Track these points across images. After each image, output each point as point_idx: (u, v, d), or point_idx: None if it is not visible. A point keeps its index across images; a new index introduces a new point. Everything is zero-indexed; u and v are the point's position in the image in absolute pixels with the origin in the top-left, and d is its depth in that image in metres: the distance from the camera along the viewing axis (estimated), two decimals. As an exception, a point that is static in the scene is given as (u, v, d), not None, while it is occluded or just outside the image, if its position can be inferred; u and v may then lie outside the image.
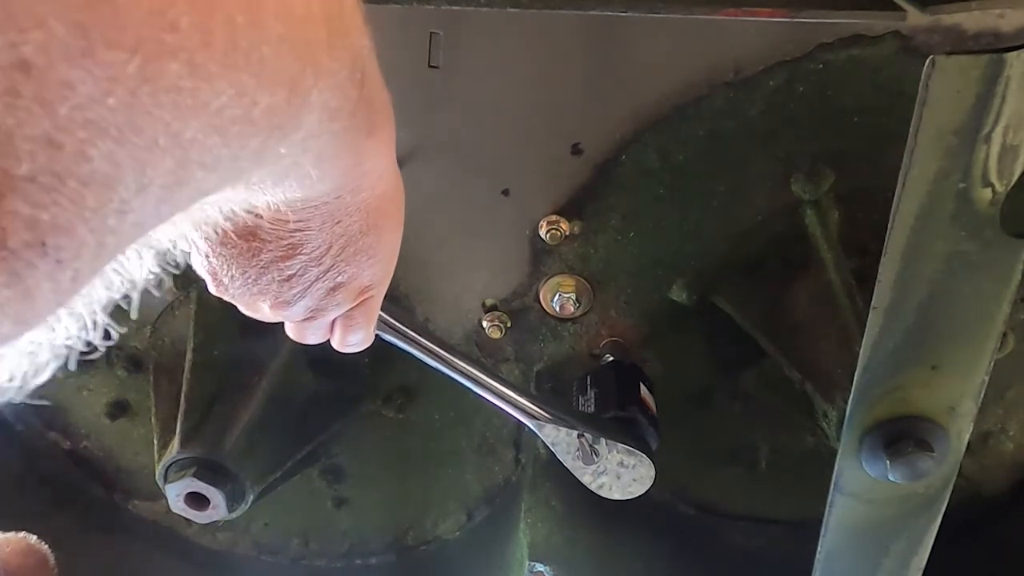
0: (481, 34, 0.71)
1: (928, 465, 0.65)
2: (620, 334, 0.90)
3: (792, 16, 0.68)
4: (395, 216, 0.52)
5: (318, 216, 0.45)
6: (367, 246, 0.50)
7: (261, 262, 0.48)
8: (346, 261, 0.50)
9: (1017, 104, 0.50)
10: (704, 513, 1.05)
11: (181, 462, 0.89)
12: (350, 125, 0.39)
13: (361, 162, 0.43)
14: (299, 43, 0.32)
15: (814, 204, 0.79)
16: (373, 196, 0.47)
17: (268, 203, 0.41)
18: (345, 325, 0.57)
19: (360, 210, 0.47)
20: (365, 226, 0.48)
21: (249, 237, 0.47)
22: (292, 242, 0.47)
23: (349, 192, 0.45)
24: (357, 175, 0.44)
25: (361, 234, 0.49)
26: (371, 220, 0.48)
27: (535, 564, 1.10)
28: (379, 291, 0.56)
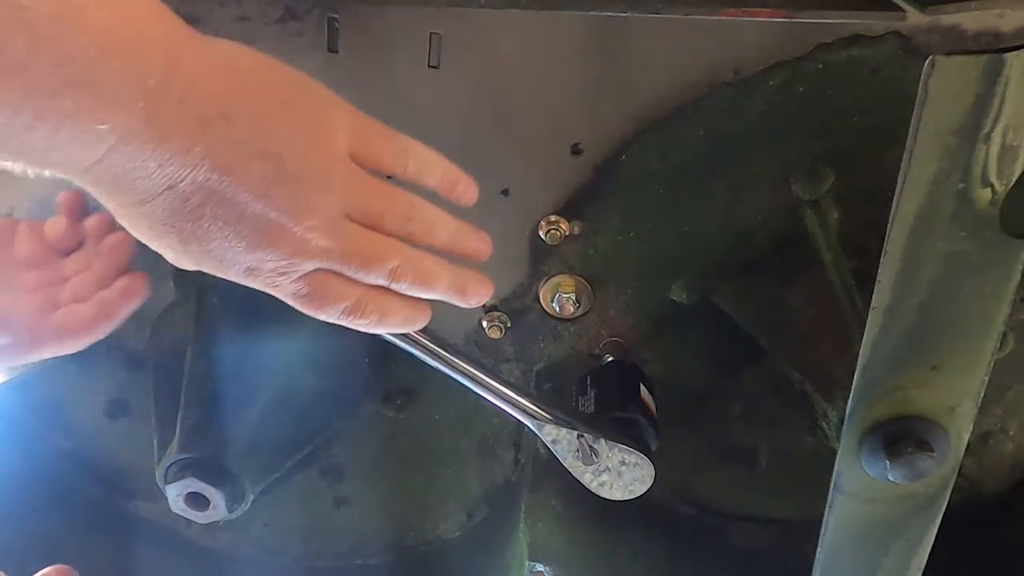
0: (481, 34, 0.71)
1: (928, 465, 0.65)
2: (620, 334, 0.90)
3: (792, 16, 0.68)
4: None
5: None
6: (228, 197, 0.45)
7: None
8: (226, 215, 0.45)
9: (1017, 104, 0.50)
10: (704, 513, 1.05)
11: (181, 462, 0.89)
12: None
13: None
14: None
15: (814, 204, 0.79)
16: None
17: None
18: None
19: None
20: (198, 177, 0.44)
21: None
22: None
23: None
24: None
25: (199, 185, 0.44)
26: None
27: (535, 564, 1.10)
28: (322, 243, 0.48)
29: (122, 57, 0.39)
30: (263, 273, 0.49)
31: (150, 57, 0.41)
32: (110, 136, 0.40)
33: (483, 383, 0.69)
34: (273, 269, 0.49)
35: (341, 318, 0.53)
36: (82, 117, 0.39)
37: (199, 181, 0.44)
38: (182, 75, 0.42)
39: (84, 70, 0.38)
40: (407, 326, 0.58)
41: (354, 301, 0.52)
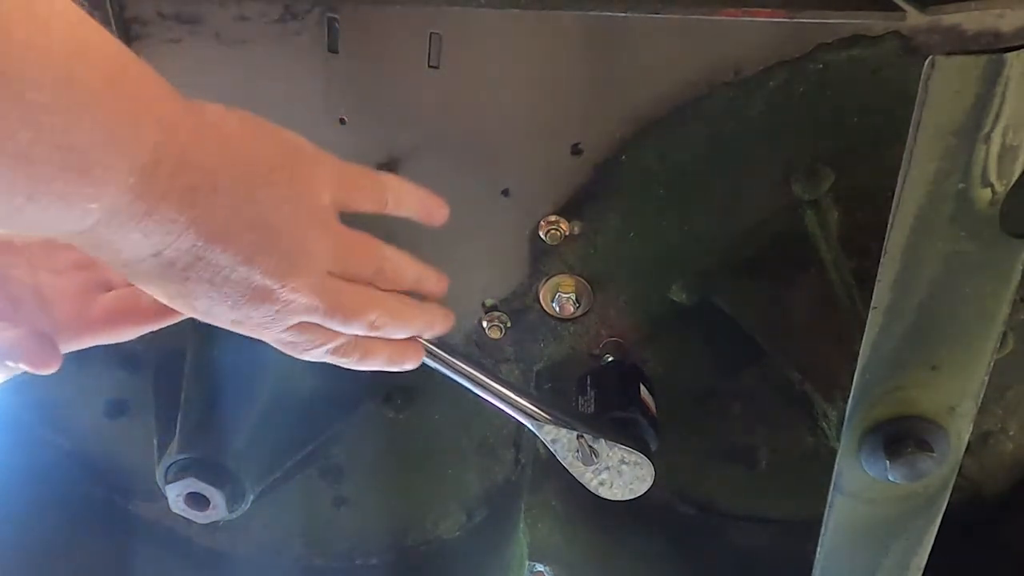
0: (481, 34, 0.71)
1: (928, 465, 0.65)
2: (620, 334, 0.90)
3: (792, 16, 0.68)
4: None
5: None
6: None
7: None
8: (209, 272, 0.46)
9: (1017, 104, 0.50)
10: (704, 513, 1.05)
11: (181, 462, 0.89)
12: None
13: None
14: None
15: (814, 204, 0.79)
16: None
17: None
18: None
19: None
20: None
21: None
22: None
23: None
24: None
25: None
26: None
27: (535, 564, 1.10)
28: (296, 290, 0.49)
29: (118, 142, 0.40)
30: (249, 326, 0.51)
31: (145, 138, 0.41)
32: (98, 212, 0.40)
33: (483, 384, 0.69)
34: (259, 323, 0.51)
35: (325, 358, 0.56)
36: (74, 198, 0.39)
37: (184, 248, 0.44)
38: (174, 151, 0.42)
39: (81, 156, 0.38)
40: (391, 365, 0.60)
41: (336, 345, 0.55)
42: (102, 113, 0.39)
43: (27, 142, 0.36)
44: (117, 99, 0.40)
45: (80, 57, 0.38)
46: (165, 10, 0.70)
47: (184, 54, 0.72)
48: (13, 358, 0.56)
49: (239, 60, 0.72)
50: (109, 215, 0.41)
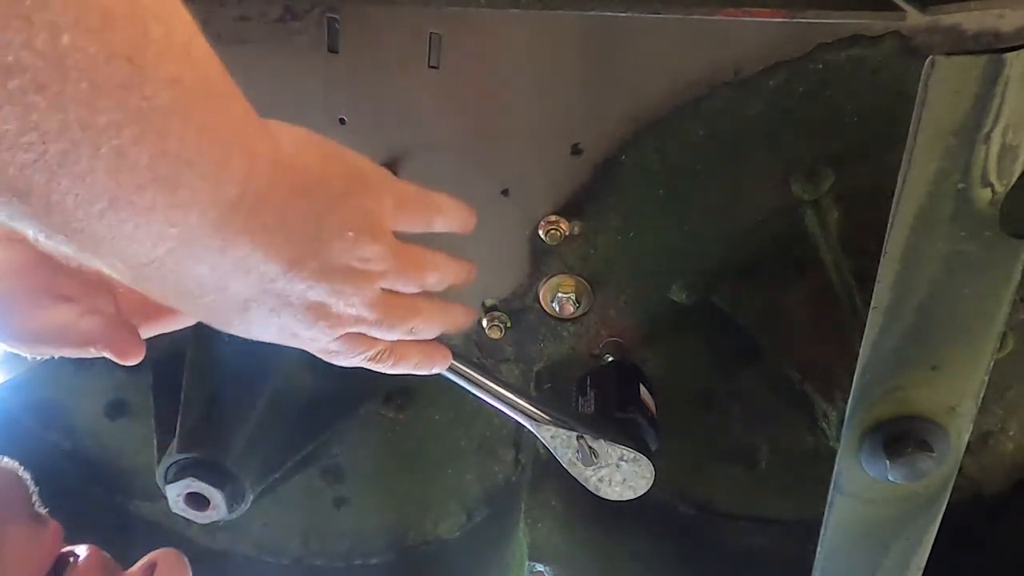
0: (481, 34, 0.71)
1: (928, 465, 0.65)
2: (620, 334, 0.90)
3: (792, 16, 0.68)
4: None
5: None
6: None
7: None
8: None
9: (1017, 104, 0.50)
10: (704, 513, 1.05)
11: (181, 462, 0.89)
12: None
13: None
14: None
15: (814, 204, 0.79)
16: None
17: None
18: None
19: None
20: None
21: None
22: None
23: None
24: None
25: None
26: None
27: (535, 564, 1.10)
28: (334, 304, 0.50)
29: (211, 163, 0.39)
30: (299, 340, 0.52)
31: (235, 169, 0.41)
32: (174, 239, 0.40)
33: (482, 385, 0.69)
34: (310, 338, 0.52)
35: (362, 364, 0.58)
36: (156, 214, 0.38)
37: (251, 283, 0.45)
38: (256, 188, 0.43)
39: (174, 170, 0.37)
40: (422, 367, 0.63)
41: (376, 352, 0.57)
42: (207, 129, 0.38)
43: (130, 140, 0.35)
44: (223, 118, 0.40)
45: (198, 66, 0.38)
46: (165, 10, 0.70)
47: (184, 54, 0.72)
48: (99, 345, 0.57)
49: (239, 60, 0.72)
50: (183, 244, 0.40)
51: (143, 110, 0.34)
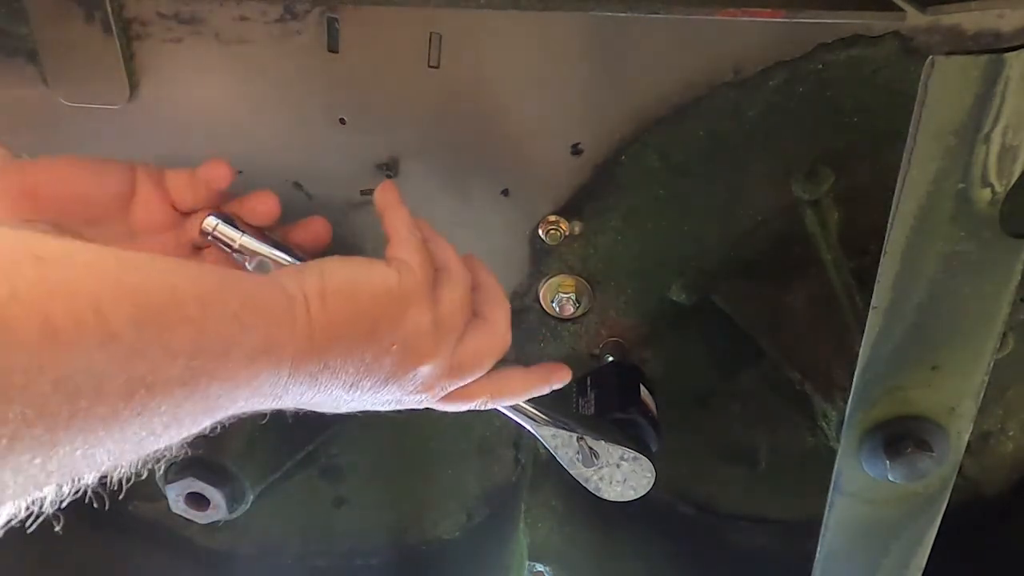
0: (481, 34, 0.71)
1: (928, 465, 0.65)
2: (620, 334, 0.90)
3: (792, 16, 0.68)
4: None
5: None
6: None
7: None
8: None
9: (1017, 104, 0.50)
10: (704, 513, 1.05)
11: (181, 462, 0.89)
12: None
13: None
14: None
15: (814, 204, 0.79)
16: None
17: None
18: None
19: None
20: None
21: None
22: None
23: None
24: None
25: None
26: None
27: (535, 564, 1.10)
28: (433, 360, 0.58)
29: (263, 338, 0.46)
30: (408, 405, 0.61)
31: (283, 360, 0.48)
32: (281, 385, 0.49)
33: None
34: (417, 403, 0.61)
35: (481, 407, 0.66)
36: (249, 388, 0.47)
37: (343, 390, 0.54)
38: (302, 373, 0.50)
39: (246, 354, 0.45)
40: (533, 389, 0.70)
41: (480, 400, 0.65)
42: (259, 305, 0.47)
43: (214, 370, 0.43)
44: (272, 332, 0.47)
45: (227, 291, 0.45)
46: (165, 10, 0.70)
47: (184, 54, 0.72)
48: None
49: (239, 60, 0.72)
50: (287, 388, 0.50)
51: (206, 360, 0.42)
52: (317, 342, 0.50)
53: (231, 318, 0.43)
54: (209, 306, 0.42)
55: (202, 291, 0.42)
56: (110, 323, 0.36)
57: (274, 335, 0.47)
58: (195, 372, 0.41)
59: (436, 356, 0.57)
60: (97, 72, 0.70)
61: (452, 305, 0.60)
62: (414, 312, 0.56)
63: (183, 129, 0.76)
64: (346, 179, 0.80)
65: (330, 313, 0.51)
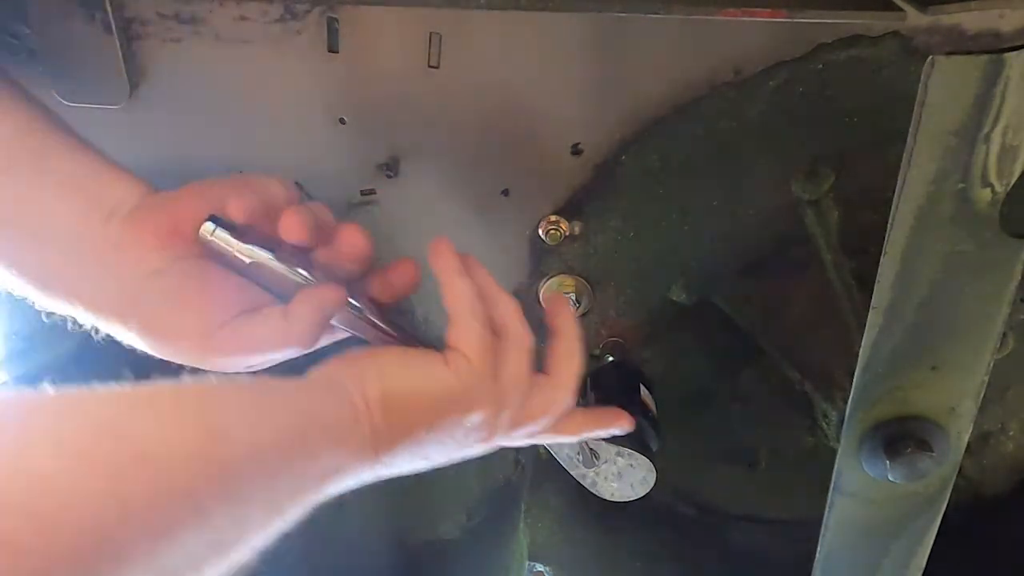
0: (481, 34, 0.71)
1: (928, 465, 0.65)
2: (620, 334, 0.90)
3: (792, 16, 0.68)
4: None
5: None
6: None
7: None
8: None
9: (1017, 104, 0.50)
10: (704, 513, 1.05)
11: (181, 462, 0.89)
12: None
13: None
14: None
15: (814, 204, 0.79)
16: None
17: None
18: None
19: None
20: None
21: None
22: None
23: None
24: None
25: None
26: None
27: (535, 564, 1.10)
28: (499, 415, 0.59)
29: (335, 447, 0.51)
30: (475, 451, 0.63)
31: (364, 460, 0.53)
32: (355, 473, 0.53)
33: None
34: (484, 451, 0.62)
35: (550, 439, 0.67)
36: (322, 480, 0.52)
37: (409, 457, 0.56)
38: (385, 444, 0.53)
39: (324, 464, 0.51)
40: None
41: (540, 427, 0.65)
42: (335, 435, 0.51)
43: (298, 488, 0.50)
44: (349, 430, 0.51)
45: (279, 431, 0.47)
46: (165, 10, 0.70)
47: (184, 54, 0.72)
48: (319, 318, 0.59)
49: (239, 60, 0.72)
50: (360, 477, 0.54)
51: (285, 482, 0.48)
52: (381, 451, 0.53)
53: (308, 456, 0.48)
54: (290, 455, 0.47)
55: (283, 439, 0.46)
56: (207, 515, 0.39)
57: (344, 455, 0.51)
58: (272, 510, 0.46)
59: (498, 430, 0.60)
60: (97, 72, 0.70)
61: (515, 376, 0.60)
62: (475, 409, 0.57)
63: (183, 129, 0.76)
64: (346, 179, 0.80)
65: (392, 424, 0.53)
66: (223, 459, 0.41)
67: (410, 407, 0.54)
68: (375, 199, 0.81)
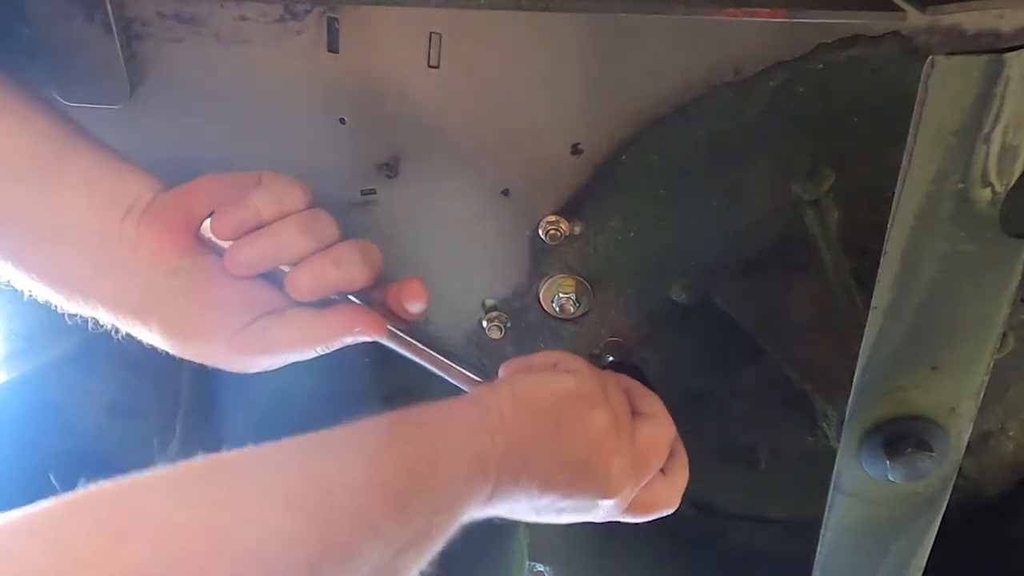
0: (481, 34, 0.71)
1: (928, 465, 0.65)
2: (620, 334, 0.90)
3: (792, 16, 0.68)
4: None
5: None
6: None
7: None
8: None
9: (1017, 104, 0.50)
10: (704, 513, 1.05)
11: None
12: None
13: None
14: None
15: (814, 204, 0.79)
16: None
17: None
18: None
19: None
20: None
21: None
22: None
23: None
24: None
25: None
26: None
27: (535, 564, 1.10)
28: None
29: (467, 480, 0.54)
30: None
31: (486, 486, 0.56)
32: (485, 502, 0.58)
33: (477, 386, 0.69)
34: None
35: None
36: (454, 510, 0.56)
37: (509, 498, 0.58)
38: (516, 435, 0.57)
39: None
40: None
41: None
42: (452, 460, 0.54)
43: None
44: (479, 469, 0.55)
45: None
46: (165, 10, 0.70)
47: (184, 54, 0.72)
48: (355, 330, 0.62)
49: (239, 60, 0.72)
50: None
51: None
52: (514, 444, 0.56)
53: (453, 462, 0.52)
54: (439, 465, 0.51)
55: (433, 453, 0.51)
56: (385, 538, 0.46)
57: (484, 455, 0.54)
58: (428, 525, 0.50)
59: (620, 451, 0.62)
60: (97, 72, 0.70)
61: (621, 406, 0.65)
62: (594, 411, 0.61)
63: (183, 129, 0.76)
64: (346, 179, 0.80)
65: (520, 414, 0.57)
66: (387, 485, 0.48)
67: (534, 399, 0.59)
68: (375, 199, 0.81)
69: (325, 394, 0.97)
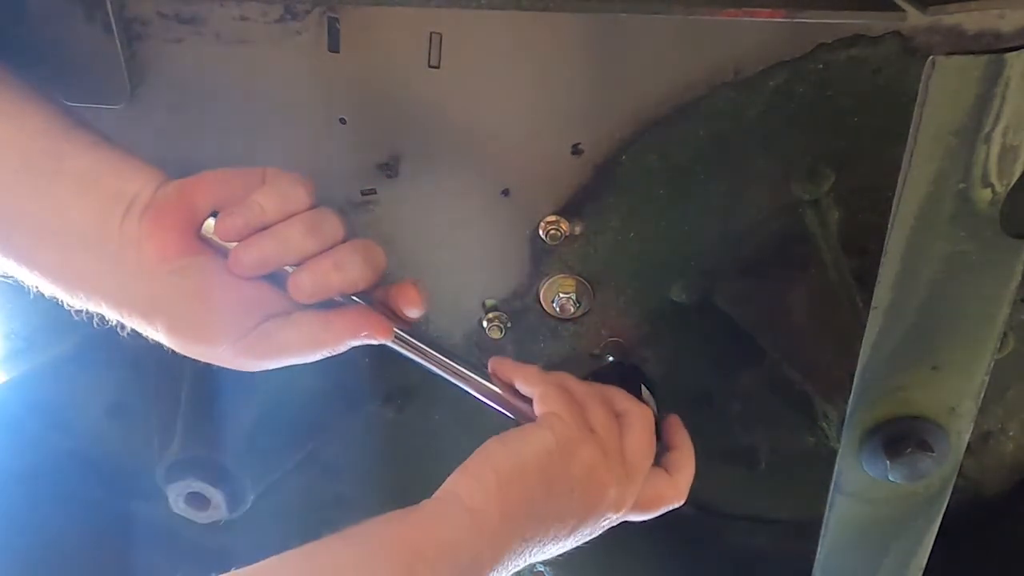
0: (481, 34, 0.71)
1: (928, 465, 0.65)
2: (620, 334, 0.90)
3: (792, 16, 0.68)
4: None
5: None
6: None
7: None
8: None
9: (1017, 104, 0.50)
10: (704, 513, 1.05)
11: (181, 462, 0.89)
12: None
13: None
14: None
15: (814, 204, 0.79)
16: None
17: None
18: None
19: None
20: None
21: None
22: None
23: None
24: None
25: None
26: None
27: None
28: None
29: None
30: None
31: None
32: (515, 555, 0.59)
33: (481, 388, 0.69)
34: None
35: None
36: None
37: (517, 562, 0.61)
38: (508, 523, 0.59)
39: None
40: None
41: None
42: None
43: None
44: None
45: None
46: (165, 10, 0.70)
47: (184, 54, 0.72)
48: (361, 333, 0.61)
49: (239, 60, 0.72)
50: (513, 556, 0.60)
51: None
52: (505, 531, 0.57)
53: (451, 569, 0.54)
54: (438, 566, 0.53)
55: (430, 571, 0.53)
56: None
57: (476, 550, 0.56)
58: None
59: (613, 475, 0.63)
60: (97, 72, 0.70)
61: (606, 425, 0.65)
62: (578, 454, 0.61)
63: (183, 129, 0.76)
64: (346, 179, 0.80)
65: (509, 501, 0.58)
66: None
67: (520, 478, 0.59)
68: (375, 199, 0.81)
69: (325, 394, 0.97)
